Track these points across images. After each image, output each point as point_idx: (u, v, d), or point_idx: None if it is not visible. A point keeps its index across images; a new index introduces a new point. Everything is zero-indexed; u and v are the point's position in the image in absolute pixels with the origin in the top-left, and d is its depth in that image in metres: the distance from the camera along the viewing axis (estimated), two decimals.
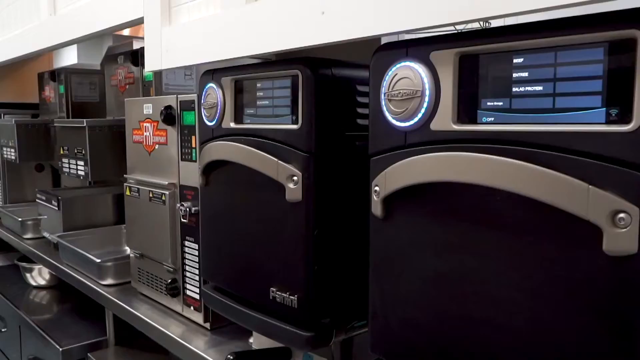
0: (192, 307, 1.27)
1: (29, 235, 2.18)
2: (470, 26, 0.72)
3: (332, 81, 0.89)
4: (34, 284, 2.32)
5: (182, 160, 1.26)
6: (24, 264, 2.29)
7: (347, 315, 0.96)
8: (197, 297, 1.25)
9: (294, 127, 0.89)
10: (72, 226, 1.92)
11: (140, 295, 1.50)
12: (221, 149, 1.02)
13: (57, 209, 1.90)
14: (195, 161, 1.21)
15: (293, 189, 0.89)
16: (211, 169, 1.08)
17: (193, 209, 1.22)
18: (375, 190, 0.75)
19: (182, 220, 1.25)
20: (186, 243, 1.27)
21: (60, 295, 2.31)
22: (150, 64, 1.17)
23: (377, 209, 0.75)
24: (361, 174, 0.94)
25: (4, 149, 2.34)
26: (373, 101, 0.75)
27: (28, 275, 2.32)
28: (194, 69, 1.66)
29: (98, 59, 4.86)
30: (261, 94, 0.96)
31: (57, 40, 1.94)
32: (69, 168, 1.71)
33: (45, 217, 2.08)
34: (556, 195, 0.57)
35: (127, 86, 1.73)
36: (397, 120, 0.71)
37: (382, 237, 0.75)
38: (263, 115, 0.96)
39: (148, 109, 1.36)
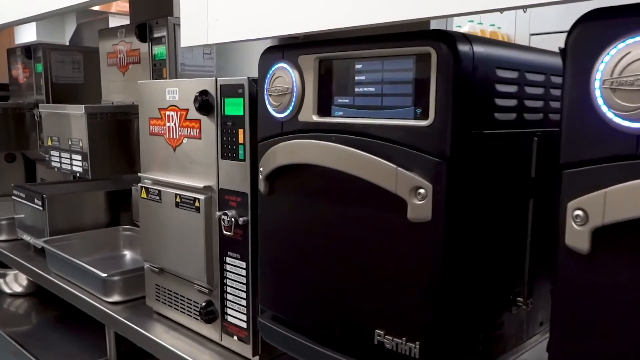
0: (235, 337, 1.03)
1: (2, 237, 1.87)
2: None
3: (473, 62, 0.66)
4: (8, 291, 2.01)
5: (222, 158, 1.01)
6: None
7: None
8: (244, 325, 1.01)
9: (422, 123, 0.66)
10: (59, 228, 1.63)
11: (155, 315, 1.25)
12: (302, 150, 0.78)
13: (41, 208, 1.61)
14: (243, 160, 0.96)
15: (419, 206, 0.66)
16: (279, 174, 0.83)
17: (240, 219, 0.97)
18: (578, 216, 0.53)
19: (225, 232, 1.00)
20: (228, 260, 1.02)
21: (40, 304, 2.01)
22: (189, 38, 0.91)
23: (581, 241, 0.53)
24: (499, 184, 0.73)
25: None
26: (572, 91, 0.53)
27: (1, 281, 2.00)
28: (214, 47, 1.40)
29: (59, 36, 4.45)
30: (362, 78, 0.73)
31: (34, 12, 1.62)
32: (60, 162, 1.42)
33: (22, 216, 1.77)
34: None
35: (130, 66, 1.44)
36: (624, 118, 0.50)
37: (586, 282, 0.54)
38: (365, 107, 0.73)
39: (173, 94, 1.10)
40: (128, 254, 1.67)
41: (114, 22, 3.77)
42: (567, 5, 0.55)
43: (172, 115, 1.10)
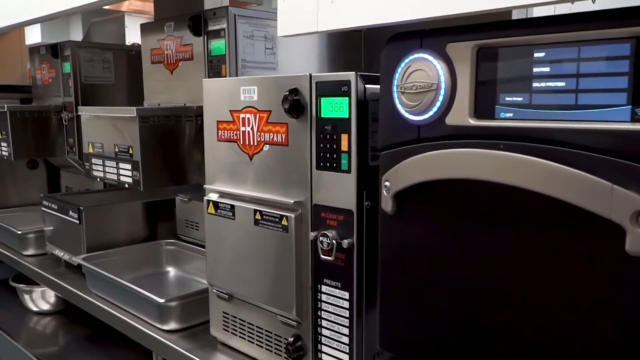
0: None
1: (30, 252, 1.69)
2: None
3: None
4: (35, 309, 1.84)
5: (318, 169, 0.84)
6: (22, 286, 1.81)
7: None
8: None
9: None
10: (95, 243, 1.46)
11: (220, 345, 1.08)
12: (458, 161, 0.61)
13: (77, 222, 1.44)
14: (346, 171, 0.80)
15: None
16: (413, 189, 0.67)
17: (344, 241, 0.80)
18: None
19: (323, 257, 0.84)
20: (324, 288, 0.86)
21: (69, 323, 1.84)
22: (291, 26, 0.74)
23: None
24: None
25: None
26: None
27: (27, 297, 1.83)
28: (277, 40, 1.23)
29: (64, 37, 4.29)
30: (545, 69, 0.56)
31: (43, 13, 1.46)
32: (104, 172, 1.24)
33: (52, 228, 1.60)
34: None
35: (180, 63, 1.27)
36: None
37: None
38: (549, 106, 0.56)
39: (250, 93, 0.93)
40: (172, 271, 1.50)
41: (129, 22, 3.61)
42: None
43: (248, 118, 0.93)
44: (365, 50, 1.44)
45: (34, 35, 4.47)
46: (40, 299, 1.82)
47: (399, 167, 0.66)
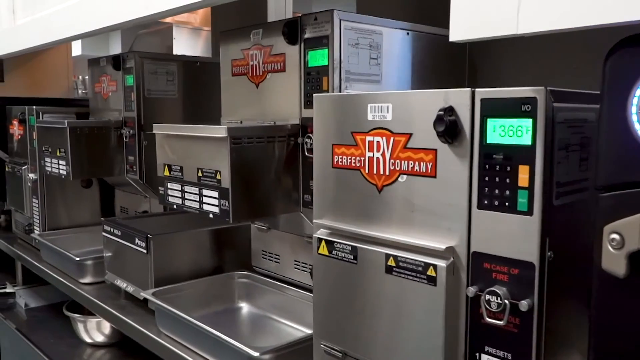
0: None
1: (87, 280, 1.55)
2: None
3: None
4: (89, 340, 1.69)
5: (480, 207, 0.66)
6: (76, 316, 1.66)
7: None
8: None
9: None
10: (162, 275, 1.31)
11: None
12: None
13: (145, 251, 1.28)
14: (526, 213, 0.62)
15: None
16: None
17: (523, 302, 0.62)
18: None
19: (488, 319, 0.66)
20: (486, 358, 0.68)
21: (124, 356, 1.68)
22: (475, 27, 0.56)
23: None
24: None
25: (47, 160, 1.69)
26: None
27: (81, 328, 1.68)
28: (382, 49, 1.06)
29: (104, 50, 4.20)
30: None
31: (105, 23, 1.34)
32: (183, 199, 1.09)
33: (111, 255, 1.46)
34: None
35: (268, 75, 1.12)
36: None
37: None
38: None
39: (381, 111, 0.76)
40: (245, 307, 1.34)
41: (178, 33, 3.50)
42: None
43: (378, 142, 0.76)
44: (469, 60, 1.27)
45: (74, 48, 4.43)
46: (95, 330, 1.67)
47: None
